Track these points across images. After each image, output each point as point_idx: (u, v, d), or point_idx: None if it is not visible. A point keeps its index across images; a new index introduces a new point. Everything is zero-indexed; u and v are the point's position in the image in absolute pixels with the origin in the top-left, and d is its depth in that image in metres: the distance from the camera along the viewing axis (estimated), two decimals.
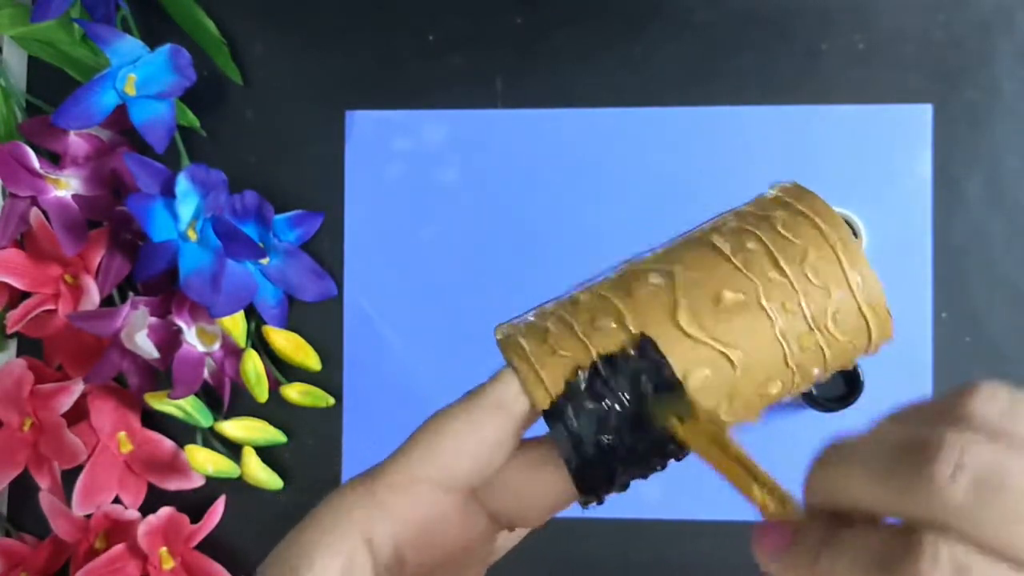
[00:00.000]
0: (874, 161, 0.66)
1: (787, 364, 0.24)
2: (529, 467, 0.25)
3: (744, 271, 0.25)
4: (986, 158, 0.65)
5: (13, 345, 0.69)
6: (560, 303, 0.27)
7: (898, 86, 0.66)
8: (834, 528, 0.21)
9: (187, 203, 0.61)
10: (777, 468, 0.73)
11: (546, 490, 0.24)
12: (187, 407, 0.64)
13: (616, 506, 0.66)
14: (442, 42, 0.68)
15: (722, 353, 0.24)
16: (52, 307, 0.65)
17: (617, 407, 0.24)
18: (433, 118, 0.68)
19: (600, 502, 0.27)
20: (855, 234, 0.63)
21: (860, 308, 0.25)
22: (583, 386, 0.24)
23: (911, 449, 0.20)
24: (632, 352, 0.24)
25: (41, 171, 0.63)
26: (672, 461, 0.26)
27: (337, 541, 0.23)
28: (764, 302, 0.24)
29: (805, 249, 0.24)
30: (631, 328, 0.24)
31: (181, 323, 0.63)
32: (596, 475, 0.25)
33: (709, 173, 0.66)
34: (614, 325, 0.24)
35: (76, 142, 0.65)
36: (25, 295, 0.66)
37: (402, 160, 0.68)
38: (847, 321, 0.25)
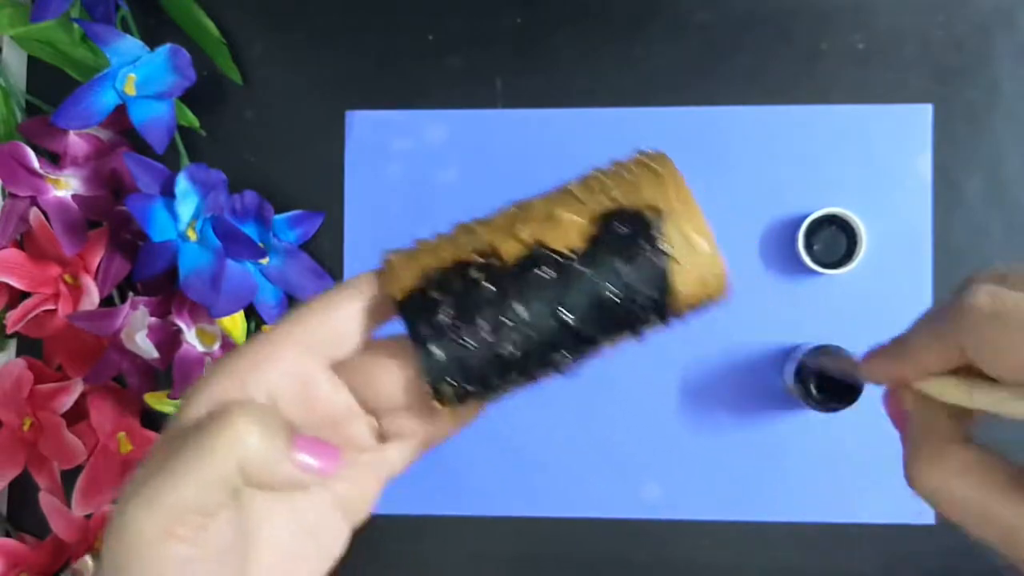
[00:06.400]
0: (874, 161, 0.66)
1: None
2: (379, 352, 0.28)
3: (580, 198, 0.29)
4: (986, 158, 0.65)
5: (13, 345, 0.69)
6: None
7: (898, 86, 0.66)
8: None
9: (187, 203, 0.61)
10: (778, 467, 0.72)
11: (392, 378, 0.28)
12: None
13: (616, 506, 0.66)
14: (442, 42, 0.68)
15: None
16: (52, 307, 0.65)
17: (456, 305, 0.27)
18: (433, 118, 0.68)
19: (454, 403, 0.27)
20: (855, 232, 0.63)
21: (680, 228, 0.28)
22: (429, 286, 0.27)
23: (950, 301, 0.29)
24: (479, 259, 0.27)
25: (41, 171, 0.63)
26: (530, 376, 0.27)
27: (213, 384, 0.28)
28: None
29: (639, 183, 0.29)
30: (481, 242, 0.28)
31: (181, 323, 0.63)
32: (443, 367, 0.27)
33: (709, 173, 0.66)
34: (467, 239, 0.28)
35: (76, 142, 0.65)
36: (25, 295, 0.66)
37: (402, 160, 0.68)
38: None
